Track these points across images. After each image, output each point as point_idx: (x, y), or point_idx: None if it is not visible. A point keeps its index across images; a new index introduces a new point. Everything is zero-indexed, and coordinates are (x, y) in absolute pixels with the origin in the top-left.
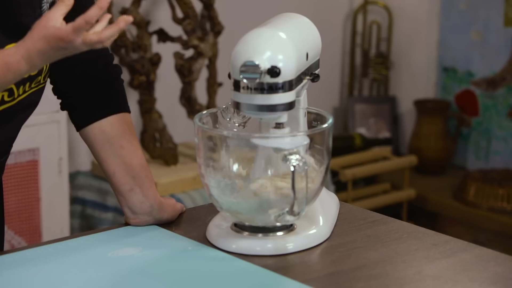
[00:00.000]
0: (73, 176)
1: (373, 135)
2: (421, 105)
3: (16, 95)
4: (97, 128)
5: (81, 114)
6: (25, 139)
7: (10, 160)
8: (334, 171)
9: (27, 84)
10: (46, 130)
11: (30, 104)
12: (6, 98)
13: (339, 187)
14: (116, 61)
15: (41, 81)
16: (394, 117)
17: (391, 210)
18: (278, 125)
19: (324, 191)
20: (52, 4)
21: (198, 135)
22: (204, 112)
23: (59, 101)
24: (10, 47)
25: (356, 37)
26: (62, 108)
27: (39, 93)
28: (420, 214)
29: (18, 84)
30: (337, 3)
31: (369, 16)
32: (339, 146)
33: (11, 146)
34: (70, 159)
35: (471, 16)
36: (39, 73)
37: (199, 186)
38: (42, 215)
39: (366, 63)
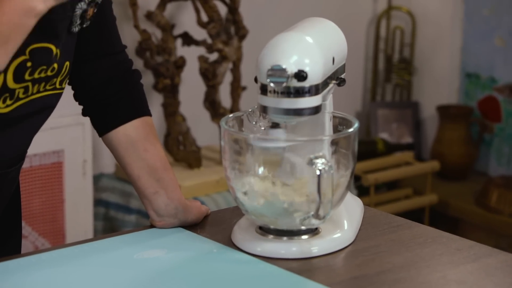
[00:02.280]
0: (97, 178)
1: (396, 140)
2: (444, 111)
3: (30, 93)
4: (121, 132)
5: (104, 120)
6: (50, 141)
7: (35, 162)
8: (356, 176)
9: (42, 84)
10: (71, 132)
11: (43, 107)
12: (21, 95)
13: (362, 191)
14: (140, 64)
15: (57, 86)
16: (416, 123)
17: (413, 215)
18: (274, 125)
19: (349, 195)
20: (84, 12)
21: (224, 138)
22: (230, 115)
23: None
24: None
25: (379, 42)
26: (84, 114)
27: (54, 98)
28: (442, 219)
29: (34, 83)
30: (361, 8)
31: (393, 22)
32: (361, 151)
33: (25, 152)
34: (94, 161)
35: (495, 22)
36: (55, 75)
37: (222, 189)
38: (66, 217)
39: (389, 68)
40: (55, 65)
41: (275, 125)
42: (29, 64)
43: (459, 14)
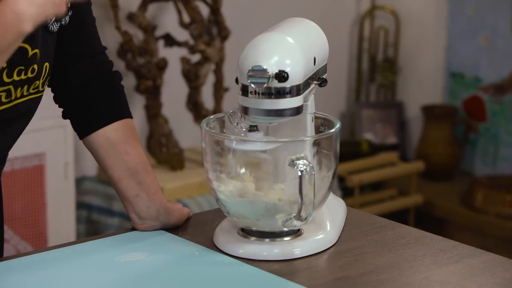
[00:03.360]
0: (79, 181)
1: (380, 140)
2: (429, 111)
3: (13, 97)
4: (101, 135)
5: (84, 122)
6: (31, 144)
7: (16, 165)
8: (341, 177)
9: (25, 87)
10: (52, 135)
11: (27, 111)
12: (3, 99)
13: (346, 192)
14: (122, 66)
15: (40, 88)
16: (401, 123)
17: (398, 216)
18: (252, 128)
19: (331, 196)
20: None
21: (205, 140)
22: (212, 116)
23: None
24: None
25: (363, 42)
26: (64, 117)
27: (36, 101)
28: (427, 220)
29: (16, 86)
30: (344, 8)
31: (376, 21)
32: (346, 151)
33: (6, 155)
34: (76, 164)
35: (479, 22)
36: (37, 77)
37: (205, 191)
38: (48, 220)
39: (373, 68)
40: (35, 66)
41: (253, 128)
42: (4, 65)
43: (443, 13)
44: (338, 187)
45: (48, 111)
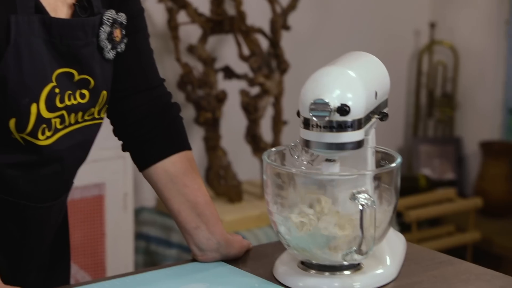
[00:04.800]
0: (138, 212)
1: (438, 176)
2: (487, 147)
3: (67, 123)
4: (160, 168)
5: (143, 155)
6: (91, 174)
7: (76, 195)
8: (398, 212)
9: (80, 114)
10: (112, 165)
11: (84, 140)
12: (58, 125)
13: (404, 228)
14: (182, 97)
15: (96, 115)
16: (459, 158)
17: (456, 253)
18: (329, 160)
19: (391, 231)
20: (110, 35)
21: (266, 172)
22: (273, 149)
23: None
24: None
25: (421, 77)
26: (124, 149)
27: (93, 129)
28: (485, 257)
29: (69, 112)
30: (403, 43)
31: (435, 56)
32: (403, 186)
33: (71, 183)
34: (135, 194)
35: None
36: (92, 104)
37: (263, 224)
38: (107, 250)
39: (431, 103)
40: (85, 92)
41: (330, 160)
42: (57, 90)
43: (502, 49)
44: (396, 222)
45: (108, 141)
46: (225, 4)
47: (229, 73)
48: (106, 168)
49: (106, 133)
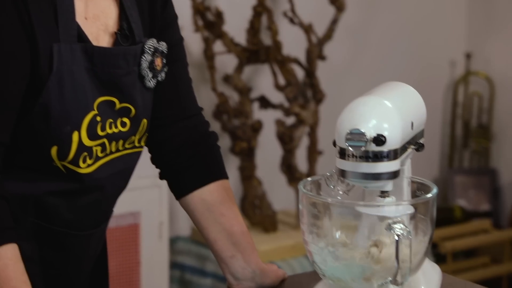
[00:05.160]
0: (173, 241)
1: (473, 207)
2: None
3: (108, 151)
4: (196, 197)
5: (180, 184)
6: (127, 203)
7: (112, 223)
8: (433, 243)
9: (120, 142)
10: (148, 194)
11: (124, 168)
12: (99, 154)
13: (439, 259)
14: (217, 127)
15: (136, 144)
16: (494, 189)
17: (491, 285)
18: (383, 194)
19: (427, 261)
20: (151, 63)
21: (302, 202)
22: (308, 179)
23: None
24: None
25: (457, 107)
26: (161, 177)
27: (133, 157)
28: None
29: (110, 140)
30: (439, 73)
31: (471, 87)
32: (438, 217)
33: (110, 212)
34: (170, 223)
35: None
36: (133, 132)
37: (298, 254)
38: (142, 279)
39: (467, 134)
40: (126, 120)
41: (384, 195)
42: (98, 118)
43: None
44: (431, 253)
45: (144, 170)
46: (261, 34)
47: (264, 103)
48: (142, 197)
49: (142, 161)
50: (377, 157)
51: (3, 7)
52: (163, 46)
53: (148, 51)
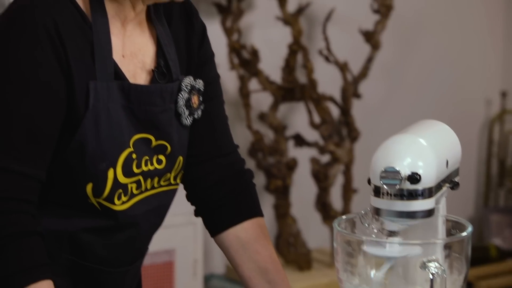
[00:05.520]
0: (207, 279)
1: (509, 246)
2: None
3: (143, 188)
4: (231, 234)
5: (216, 221)
6: (161, 240)
7: (147, 261)
8: (469, 282)
9: (156, 179)
10: (183, 232)
11: (159, 205)
12: (134, 191)
13: None
14: (252, 165)
15: (172, 181)
16: None
17: None
18: (391, 234)
19: None
20: (188, 101)
21: (336, 240)
22: (343, 217)
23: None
24: None
25: (492, 146)
26: (196, 215)
27: (169, 194)
28: None
29: (145, 177)
30: (474, 112)
31: (506, 125)
32: (473, 256)
33: (146, 249)
34: (205, 261)
35: None
36: (168, 169)
37: None
38: None
39: (502, 172)
40: (161, 157)
41: (392, 234)
42: (134, 155)
43: None
44: None
45: (179, 207)
46: (297, 72)
47: (299, 140)
48: (177, 234)
49: (177, 198)
50: (412, 195)
51: (39, 44)
52: (199, 83)
53: (185, 88)
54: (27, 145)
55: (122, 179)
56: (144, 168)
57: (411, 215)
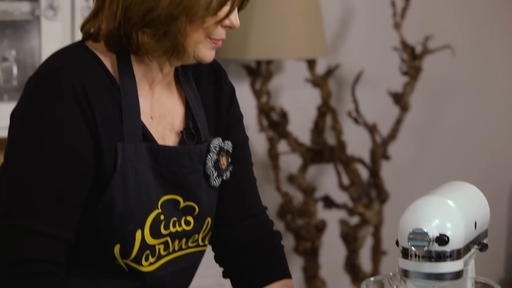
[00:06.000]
0: None
1: None
2: None
3: (171, 249)
4: None
5: (244, 283)
6: None
7: None
8: None
9: (183, 240)
10: None
11: (187, 267)
12: (162, 252)
13: None
14: (282, 226)
15: (200, 242)
16: None
17: None
18: None
19: None
20: (216, 162)
21: None
22: (371, 279)
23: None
24: None
25: None
26: (224, 276)
27: (197, 256)
28: None
29: (173, 238)
30: (502, 173)
31: None
32: None
33: None
34: None
35: None
36: (196, 230)
37: None
38: None
39: None
40: (190, 219)
41: None
42: (162, 217)
43: None
44: None
45: (207, 269)
46: (326, 134)
47: (328, 202)
48: None
49: (205, 260)
50: (440, 257)
51: (67, 105)
52: (228, 145)
53: (214, 150)
54: (55, 207)
55: (149, 240)
56: (172, 229)
57: (439, 277)
